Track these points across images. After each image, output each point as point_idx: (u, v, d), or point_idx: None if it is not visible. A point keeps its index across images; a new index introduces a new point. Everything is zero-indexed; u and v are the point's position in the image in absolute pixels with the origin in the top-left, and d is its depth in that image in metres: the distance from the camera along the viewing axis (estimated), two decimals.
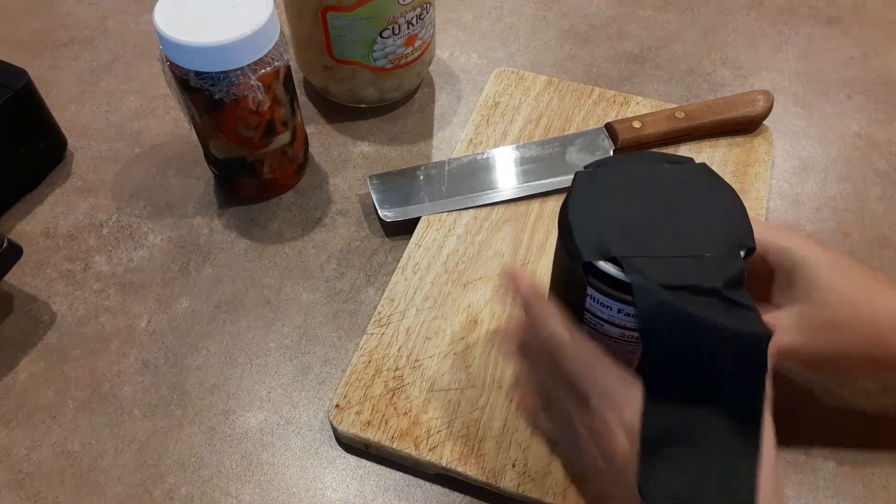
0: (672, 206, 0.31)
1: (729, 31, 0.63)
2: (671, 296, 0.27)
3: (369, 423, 0.40)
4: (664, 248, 0.29)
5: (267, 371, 0.44)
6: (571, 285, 0.32)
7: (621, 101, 0.55)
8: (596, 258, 0.29)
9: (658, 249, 0.29)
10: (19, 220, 0.51)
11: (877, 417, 0.41)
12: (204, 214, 0.51)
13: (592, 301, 0.31)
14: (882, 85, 0.58)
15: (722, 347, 0.27)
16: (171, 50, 0.42)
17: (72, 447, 0.41)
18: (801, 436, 0.41)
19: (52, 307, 0.47)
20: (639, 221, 0.30)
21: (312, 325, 0.46)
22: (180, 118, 0.56)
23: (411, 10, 0.50)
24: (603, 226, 0.30)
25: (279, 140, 0.48)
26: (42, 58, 0.61)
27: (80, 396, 0.43)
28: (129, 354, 0.45)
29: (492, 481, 0.38)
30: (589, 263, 0.29)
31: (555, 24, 0.64)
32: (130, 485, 0.40)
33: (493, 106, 0.55)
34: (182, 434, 0.41)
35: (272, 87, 0.45)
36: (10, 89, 0.48)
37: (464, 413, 0.40)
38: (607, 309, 0.30)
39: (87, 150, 0.55)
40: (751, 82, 0.59)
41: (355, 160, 0.54)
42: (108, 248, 0.50)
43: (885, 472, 0.39)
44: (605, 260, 0.29)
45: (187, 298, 0.47)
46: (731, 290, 0.28)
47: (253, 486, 0.40)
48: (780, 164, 0.53)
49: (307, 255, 0.49)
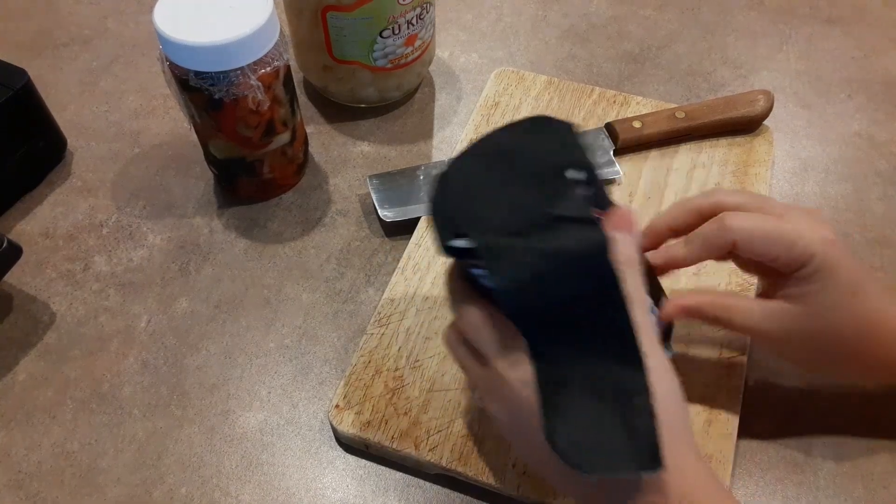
0: (510, 166, 0.32)
1: (729, 31, 0.63)
2: (510, 241, 0.28)
3: (369, 423, 0.40)
4: (503, 205, 0.30)
5: (267, 371, 0.44)
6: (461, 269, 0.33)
7: (621, 100, 0.55)
8: (449, 240, 0.30)
9: (498, 209, 0.30)
10: (19, 220, 0.51)
11: (877, 417, 0.41)
12: (204, 214, 0.51)
13: (480, 280, 0.31)
14: (882, 85, 0.58)
15: (569, 271, 0.28)
16: (170, 50, 0.42)
17: (71, 447, 0.41)
18: (802, 436, 0.41)
19: (52, 307, 0.47)
20: (482, 191, 0.31)
21: (312, 325, 0.46)
22: (180, 118, 0.56)
23: (411, 10, 0.50)
24: (454, 209, 0.31)
25: (279, 140, 0.48)
26: (42, 58, 0.61)
27: (80, 396, 0.43)
28: (129, 354, 0.45)
29: (492, 481, 0.38)
30: (448, 248, 0.30)
31: (555, 23, 0.64)
32: (130, 485, 0.40)
33: (494, 106, 0.55)
34: (182, 434, 0.41)
35: (272, 87, 0.45)
36: (10, 89, 0.48)
37: (464, 413, 0.40)
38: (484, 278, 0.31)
39: (86, 150, 0.55)
40: (751, 82, 0.59)
41: (355, 160, 0.54)
42: (107, 249, 0.50)
43: (885, 472, 0.39)
44: (456, 238, 0.30)
45: (187, 298, 0.47)
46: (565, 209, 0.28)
47: (253, 486, 0.40)
48: (781, 164, 0.53)
49: (307, 255, 0.49)
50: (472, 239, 0.29)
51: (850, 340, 0.35)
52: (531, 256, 0.28)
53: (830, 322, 0.34)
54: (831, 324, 0.34)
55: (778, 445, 0.40)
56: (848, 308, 0.34)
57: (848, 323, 0.34)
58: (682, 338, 0.43)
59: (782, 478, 0.39)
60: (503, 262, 0.28)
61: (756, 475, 0.39)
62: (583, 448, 0.27)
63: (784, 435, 0.41)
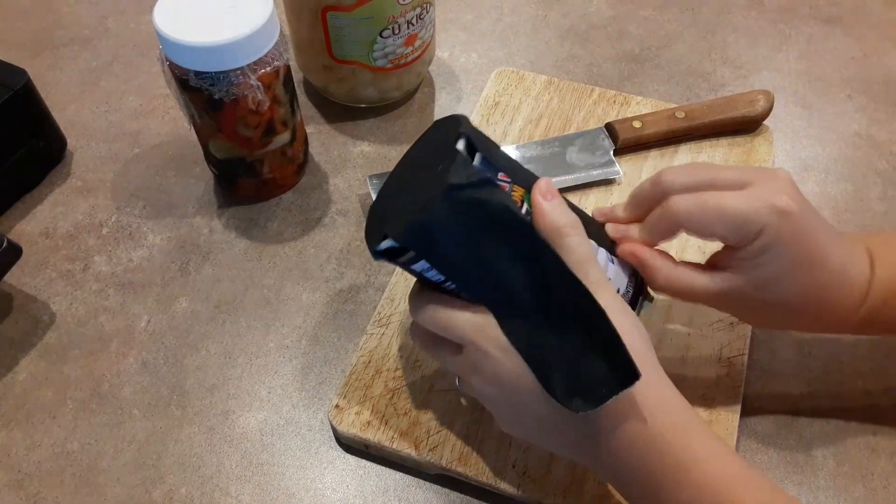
0: (413, 167, 0.34)
1: (729, 31, 0.63)
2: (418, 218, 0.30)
3: (369, 423, 0.40)
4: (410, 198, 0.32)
5: (267, 371, 0.44)
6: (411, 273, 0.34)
7: (621, 100, 0.55)
8: (378, 245, 0.31)
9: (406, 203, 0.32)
10: (19, 220, 0.51)
11: (876, 417, 0.41)
12: (204, 214, 0.51)
13: (426, 274, 0.32)
14: (882, 85, 0.58)
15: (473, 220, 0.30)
16: (170, 50, 0.42)
17: (71, 447, 0.41)
18: (802, 435, 0.41)
19: (52, 307, 0.47)
20: (394, 198, 0.34)
21: (312, 325, 0.46)
22: (180, 118, 0.56)
23: (411, 10, 0.49)
24: (375, 222, 0.33)
25: (279, 140, 0.48)
26: (42, 57, 0.61)
27: (80, 397, 0.43)
28: (129, 355, 0.45)
29: (492, 482, 0.38)
30: (377, 253, 0.32)
31: (555, 23, 0.64)
32: (130, 485, 0.40)
33: (493, 106, 0.55)
34: (182, 434, 0.41)
35: (272, 87, 0.45)
36: (10, 89, 0.48)
37: (464, 413, 0.40)
38: (431, 271, 0.32)
39: (86, 150, 0.55)
40: (751, 82, 0.59)
41: (355, 160, 0.54)
42: (107, 248, 0.50)
43: (885, 471, 0.39)
44: (382, 241, 0.31)
45: (187, 298, 0.47)
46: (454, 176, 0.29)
47: (253, 486, 0.40)
48: (781, 164, 0.53)
49: (307, 255, 0.49)
50: (391, 235, 0.30)
51: (798, 307, 0.34)
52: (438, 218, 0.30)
53: (777, 293, 0.34)
54: (778, 295, 0.34)
55: (778, 446, 0.40)
56: (799, 279, 0.33)
57: (798, 292, 0.34)
58: (682, 338, 0.43)
59: (783, 478, 0.39)
60: (418, 237, 0.30)
61: None
62: (575, 389, 0.30)
63: (784, 435, 0.41)
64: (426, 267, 0.31)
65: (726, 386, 0.41)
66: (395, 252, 0.31)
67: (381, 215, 0.34)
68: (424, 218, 0.30)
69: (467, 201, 0.30)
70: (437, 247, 0.30)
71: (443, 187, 0.29)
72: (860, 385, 0.42)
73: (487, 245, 0.30)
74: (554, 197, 0.32)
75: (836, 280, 0.34)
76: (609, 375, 0.30)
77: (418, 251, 0.31)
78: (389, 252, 0.31)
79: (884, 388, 0.42)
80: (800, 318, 0.36)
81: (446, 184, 0.29)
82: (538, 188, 0.33)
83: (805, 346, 0.44)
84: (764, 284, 0.34)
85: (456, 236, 0.30)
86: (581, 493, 0.37)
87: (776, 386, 0.42)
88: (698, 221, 0.33)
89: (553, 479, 0.38)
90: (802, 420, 0.41)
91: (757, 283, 0.34)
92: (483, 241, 0.30)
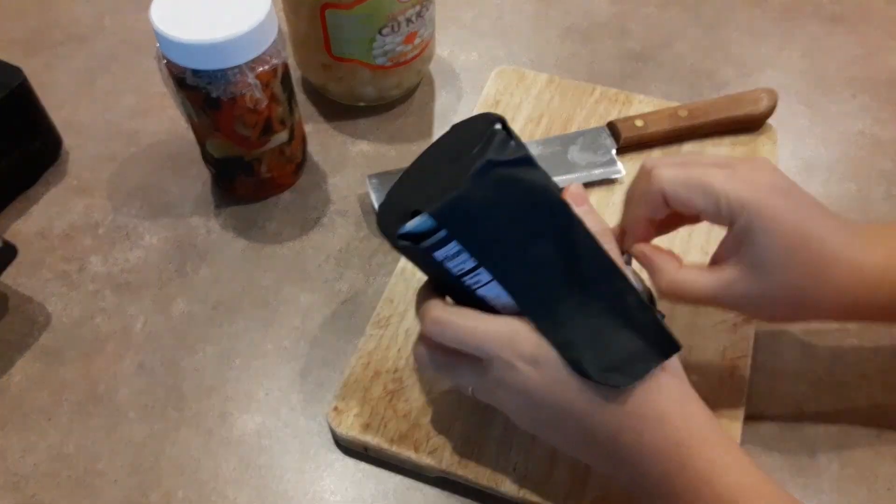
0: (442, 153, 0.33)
1: (732, 29, 0.62)
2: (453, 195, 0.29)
3: (368, 425, 0.39)
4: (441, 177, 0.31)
5: (264, 373, 0.43)
6: (426, 266, 0.33)
7: (623, 99, 0.55)
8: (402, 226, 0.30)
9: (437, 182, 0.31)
10: (14, 220, 0.51)
11: (881, 419, 0.41)
12: (201, 214, 0.51)
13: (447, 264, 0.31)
14: (886, 84, 0.58)
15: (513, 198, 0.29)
16: (167, 48, 0.41)
17: (67, 450, 0.41)
18: (805, 438, 0.40)
19: (48, 308, 0.46)
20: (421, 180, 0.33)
21: (310, 326, 0.45)
22: (177, 117, 0.56)
23: (411, 8, 0.49)
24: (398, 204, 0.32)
25: (277, 139, 0.48)
26: (37, 56, 0.61)
27: (76, 399, 0.43)
28: (125, 356, 0.44)
29: (492, 485, 0.37)
30: (402, 235, 0.30)
31: (556, 21, 0.63)
32: (126, 488, 0.39)
33: (494, 104, 0.55)
34: (179, 437, 0.41)
35: (270, 86, 0.44)
36: (6, 88, 0.48)
37: (464, 415, 0.40)
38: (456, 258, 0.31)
39: (82, 150, 0.55)
40: (754, 81, 0.58)
41: (354, 159, 0.54)
42: (103, 249, 0.49)
43: (889, 474, 0.39)
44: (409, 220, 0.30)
45: (184, 300, 0.47)
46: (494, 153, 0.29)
47: (250, 489, 0.39)
48: (785, 163, 0.53)
49: (305, 255, 0.49)
50: (426, 211, 0.29)
51: (801, 290, 0.33)
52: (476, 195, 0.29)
53: (777, 277, 0.33)
54: (778, 279, 0.33)
55: (782, 448, 0.40)
56: (795, 259, 0.32)
57: (798, 274, 0.33)
58: (685, 339, 0.42)
59: (786, 481, 0.39)
60: (455, 214, 0.29)
61: None
62: (612, 366, 0.30)
63: (788, 438, 0.40)
64: (452, 252, 0.30)
65: (729, 388, 0.40)
66: (421, 236, 0.30)
67: (403, 200, 0.32)
68: (462, 194, 0.29)
69: (507, 178, 0.29)
70: (472, 225, 0.29)
71: (483, 162, 0.29)
72: (864, 387, 0.42)
73: (523, 224, 0.30)
74: (584, 203, 0.32)
75: (839, 261, 0.33)
76: (647, 349, 0.30)
77: (453, 229, 0.29)
78: (414, 235, 0.30)
79: (888, 391, 0.42)
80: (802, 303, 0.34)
81: (486, 159, 0.29)
82: (570, 194, 0.32)
83: (809, 348, 0.44)
84: (761, 268, 0.33)
85: (493, 214, 0.29)
86: (582, 495, 0.37)
87: (780, 388, 0.42)
88: (682, 187, 0.33)
89: (554, 482, 0.37)
90: (806, 422, 0.41)
91: (754, 268, 0.33)
92: (519, 220, 0.30)
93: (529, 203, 0.30)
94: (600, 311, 0.30)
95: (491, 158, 0.29)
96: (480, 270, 0.31)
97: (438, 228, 0.30)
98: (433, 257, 0.31)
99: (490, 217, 0.29)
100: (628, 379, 0.30)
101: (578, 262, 0.30)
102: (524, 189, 0.30)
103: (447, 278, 0.32)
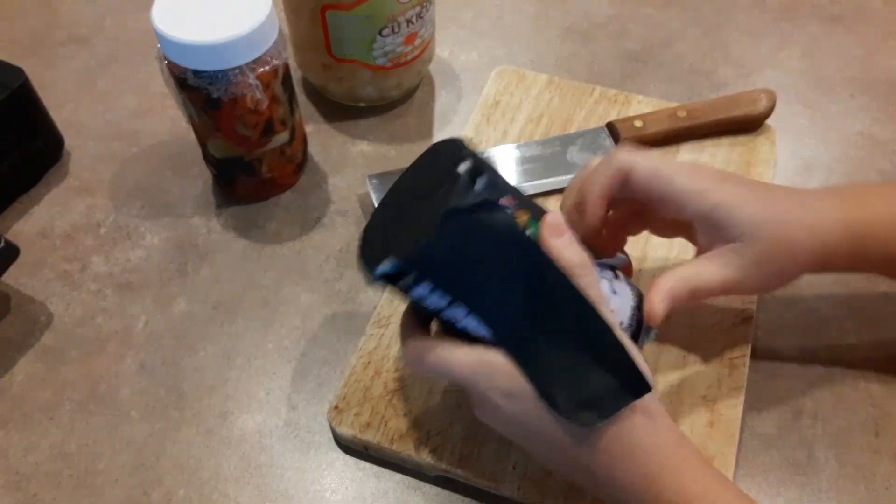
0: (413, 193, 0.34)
1: (731, 30, 0.62)
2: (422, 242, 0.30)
3: (369, 424, 0.39)
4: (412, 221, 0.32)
5: (265, 372, 0.44)
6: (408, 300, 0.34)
7: (623, 100, 0.55)
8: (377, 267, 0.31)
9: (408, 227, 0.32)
10: (16, 220, 0.51)
11: (879, 418, 0.41)
12: (202, 214, 0.51)
13: (424, 301, 0.32)
14: (885, 84, 0.58)
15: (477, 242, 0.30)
16: (168, 48, 0.41)
17: (69, 449, 0.41)
18: (804, 437, 0.40)
19: (49, 308, 0.46)
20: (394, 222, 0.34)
21: (311, 326, 0.45)
22: (178, 117, 0.56)
23: (411, 9, 0.49)
24: (373, 246, 0.33)
25: (278, 139, 0.48)
26: (39, 56, 0.61)
27: (77, 398, 0.43)
28: (127, 356, 0.44)
29: (492, 484, 0.38)
30: (377, 275, 0.31)
31: (556, 22, 0.64)
32: (128, 487, 0.39)
33: (494, 105, 0.55)
34: (180, 436, 0.41)
35: (271, 86, 0.44)
36: (7, 88, 0.48)
37: (464, 415, 0.40)
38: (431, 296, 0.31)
39: (84, 150, 0.55)
40: (753, 81, 0.58)
41: (354, 159, 0.54)
42: (105, 249, 0.49)
43: (887, 473, 0.39)
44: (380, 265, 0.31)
45: (185, 299, 0.47)
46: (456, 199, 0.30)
47: (251, 488, 0.39)
48: (783, 163, 0.53)
49: (306, 255, 0.49)
50: (395, 257, 0.30)
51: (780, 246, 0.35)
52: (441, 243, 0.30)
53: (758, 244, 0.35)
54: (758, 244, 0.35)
55: (780, 447, 0.40)
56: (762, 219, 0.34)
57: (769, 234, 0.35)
58: (684, 339, 0.42)
59: (785, 479, 0.39)
60: (422, 261, 0.30)
61: (758, 477, 0.39)
62: (582, 403, 0.30)
63: (786, 436, 0.41)
64: (426, 292, 0.31)
65: (728, 387, 0.40)
66: (395, 276, 0.31)
67: (379, 238, 0.34)
68: (428, 242, 0.30)
69: (470, 224, 0.30)
70: (442, 268, 0.30)
71: (446, 211, 0.29)
72: (862, 386, 0.42)
73: (492, 265, 0.30)
74: (563, 233, 0.32)
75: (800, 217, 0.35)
76: (618, 388, 0.30)
77: (423, 273, 0.30)
78: (389, 276, 0.31)
79: (886, 390, 0.42)
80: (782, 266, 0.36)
81: (449, 207, 0.29)
82: (547, 226, 0.32)
83: (807, 348, 0.44)
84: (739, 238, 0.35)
85: (461, 257, 0.30)
86: (581, 495, 0.37)
87: (778, 387, 0.42)
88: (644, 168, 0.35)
89: (553, 482, 0.37)
90: (804, 421, 0.41)
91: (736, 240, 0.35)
92: (488, 262, 0.30)
93: (496, 245, 0.30)
94: (573, 348, 0.31)
95: (454, 206, 0.30)
96: (457, 306, 0.31)
97: (409, 272, 0.30)
98: (411, 294, 0.32)
99: (458, 260, 0.30)
100: (597, 417, 0.30)
101: (551, 300, 0.31)
102: (489, 233, 0.30)
103: (428, 312, 0.33)
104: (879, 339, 0.44)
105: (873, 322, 0.45)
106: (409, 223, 0.32)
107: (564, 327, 0.31)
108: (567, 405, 0.30)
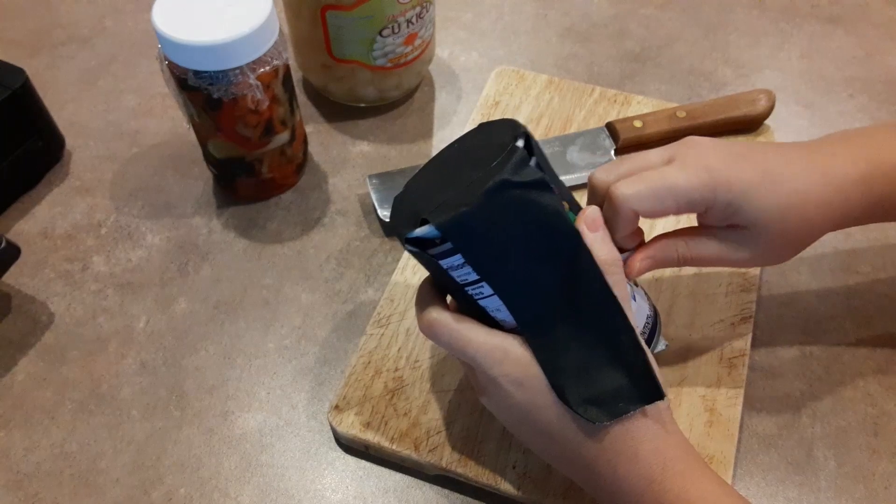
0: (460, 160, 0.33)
1: (731, 30, 0.63)
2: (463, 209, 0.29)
3: (369, 424, 0.40)
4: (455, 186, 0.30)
5: (266, 372, 0.44)
6: (432, 270, 0.33)
7: (622, 100, 0.55)
8: (411, 230, 0.30)
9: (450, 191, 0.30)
10: (17, 220, 0.51)
11: (878, 418, 0.41)
12: (202, 214, 0.51)
13: (451, 272, 0.31)
14: (885, 84, 0.58)
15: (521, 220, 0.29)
16: (169, 49, 0.42)
17: (70, 448, 0.41)
18: (803, 437, 0.41)
19: (50, 307, 0.47)
20: (439, 182, 0.32)
21: (311, 325, 0.46)
22: (179, 117, 0.56)
23: (411, 9, 0.49)
24: (410, 208, 0.32)
25: (278, 139, 0.48)
26: (40, 57, 0.61)
27: (79, 397, 0.43)
28: (128, 355, 0.44)
29: (492, 483, 0.38)
30: (410, 238, 0.30)
31: (555, 22, 0.64)
32: (129, 486, 0.40)
33: (494, 105, 0.55)
34: (181, 435, 0.41)
35: (271, 86, 0.45)
36: (8, 89, 0.48)
37: (464, 414, 0.40)
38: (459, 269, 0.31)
39: (85, 150, 0.55)
40: (753, 81, 0.58)
41: (355, 160, 0.54)
42: (106, 249, 0.50)
43: (886, 472, 0.39)
44: (418, 227, 0.30)
45: (186, 299, 0.47)
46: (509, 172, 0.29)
47: (252, 487, 0.39)
48: None
49: (306, 255, 0.49)
50: (432, 222, 0.29)
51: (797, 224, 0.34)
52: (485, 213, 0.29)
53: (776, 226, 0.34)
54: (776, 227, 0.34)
55: (779, 446, 0.40)
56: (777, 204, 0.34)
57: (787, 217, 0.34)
58: (683, 338, 0.43)
59: (783, 479, 0.39)
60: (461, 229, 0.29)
61: (757, 476, 0.39)
62: (592, 399, 0.30)
63: (785, 436, 0.41)
64: (456, 264, 0.30)
65: (727, 386, 0.41)
66: (428, 242, 0.30)
67: (416, 201, 0.32)
68: (471, 210, 0.29)
69: (519, 199, 0.29)
70: (478, 241, 0.29)
71: (497, 181, 0.28)
72: (861, 386, 0.42)
73: (530, 247, 0.30)
74: (598, 228, 0.32)
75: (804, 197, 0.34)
76: (631, 390, 0.30)
77: (458, 243, 0.29)
78: (421, 241, 0.30)
79: (885, 389, 0.42)
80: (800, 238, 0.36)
81: (501, 178, 0.28)
82: (585, 217, 0.32)
83: (806, 348, 0.44)
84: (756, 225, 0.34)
85: (500, 233, 0.29)
86: (581, 494, 0.37)
87: (777, 386, 0.42)
88: (650, 200, 0.33)
89: (553, 481, 0.37)
90: (804, 421, 0.41)
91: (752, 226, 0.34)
92: (526, 243, 0.30)
93: (539, 227, 0.29)
94: (593, 343, 0.30)
95: (506, 178, 0.28)
96: (483, 284, 0.31)
97: (444, 240, 0.30)
98: (438, 264, 0.31)
99: (497, 236, 0.29)
100: (605, 416, 0.30)
101: (580, 292, 0.30)
102: (536, 213, 0.29)
103: (451, 284, 0.32)
104: (879, 339, 0.44)
105: (873, 322, 0.45)
106: (452, 189, 0.30)
107: (589, 321, 0.30)
108: (577, 399, 0.30)
